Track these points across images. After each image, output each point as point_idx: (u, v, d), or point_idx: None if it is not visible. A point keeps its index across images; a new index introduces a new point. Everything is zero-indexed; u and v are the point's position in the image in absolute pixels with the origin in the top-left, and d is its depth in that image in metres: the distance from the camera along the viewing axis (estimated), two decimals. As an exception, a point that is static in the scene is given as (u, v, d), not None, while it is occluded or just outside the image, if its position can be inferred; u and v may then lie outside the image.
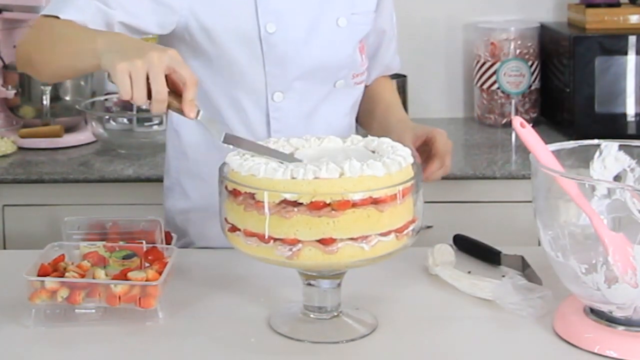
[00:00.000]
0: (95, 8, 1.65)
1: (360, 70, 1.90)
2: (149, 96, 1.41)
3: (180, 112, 1.44)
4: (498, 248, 1.73)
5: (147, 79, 1.40)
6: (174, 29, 1.78)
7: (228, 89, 1.82)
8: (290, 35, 1.79)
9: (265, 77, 1.80)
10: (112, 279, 1.50)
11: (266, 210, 1.36)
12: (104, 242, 1.63)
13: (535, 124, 3.02)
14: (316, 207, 1.34)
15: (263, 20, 1.77)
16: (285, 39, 1.78)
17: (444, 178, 2.54)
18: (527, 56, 3.05)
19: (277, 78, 1.80)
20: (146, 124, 2.96)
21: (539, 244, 1.46)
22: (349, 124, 1.92)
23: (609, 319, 1.40)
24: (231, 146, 1.45)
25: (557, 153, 1.44)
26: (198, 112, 1.44)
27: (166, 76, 1.41)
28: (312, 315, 1.48)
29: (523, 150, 2.68)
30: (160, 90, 1.40)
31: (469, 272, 1.61)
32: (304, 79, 1.82)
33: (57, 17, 1.64)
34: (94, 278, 1.49)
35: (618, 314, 1.38)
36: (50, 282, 1.48)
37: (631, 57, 2.81)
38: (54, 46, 1.60)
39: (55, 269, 1.54)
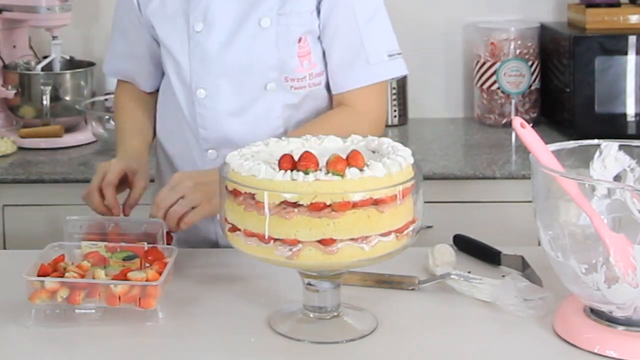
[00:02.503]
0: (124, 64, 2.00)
1: (297, 75, 1.84)
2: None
3: None
4: (498, 248, 1.73)
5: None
6: None
7: (168, 80, 1.91)
8: (213, 35, 1.83)
9: (190, 73, 1.85)
10: (112, 279, 1.50)
11: (266, 210, 1.36)
12: (105, 243, 1.63)
13: (535, 124, 3.02)
14: (316, 208, 1.34)
15: (192, 18, 1.84)
16: (209, 38, 1.83)
17: (444, 178, 2.58)
18: (527, 56, 3.05)
19: (200, 75, 1.85)
20: (146, 124, 2.96)
21: (539, 244, 1.46)
22: (283, 126, 1.86)
23: (609, 319, 1.40)
24: None
25: (557, 153, 1.44)
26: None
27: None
28: (312, 315, 1.48)
29: (523, 150, 2.69)
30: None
31: (469, 272, 1.61)
32: (227, 78, 1.84)
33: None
34: (94, 278, 1.49)
35: (618, 314, 1.38)
36: (50, 282, 1.48)
37: (631, 57, 2.81)
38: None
39: (55, 269, 1.54)
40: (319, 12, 1.85)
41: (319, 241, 1.36)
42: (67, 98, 2.89)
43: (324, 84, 1.89)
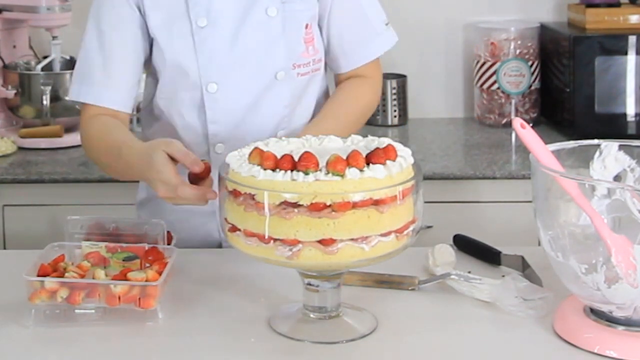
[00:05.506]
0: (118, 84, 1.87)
1: (303, 60, 1.87)
2: None
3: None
4: (498, 248, 1.73)
5: None
6: None
7: (164, 80, 1.86)
8: (220, 28, 1.82)
9: (199, 69, 1.82)
10: (112, 279, 1.50)
11: (266, 211, 1.36)
12: (106, 243, 1.63)
13: (535, 124, 3.02)
14: (316, 208, 1.34)
15: (194, 14, 1.81)
16: (216, 32, 1.82)
17: (444, 178, 2.58)
18: (527, 56, 3.05)
19: (210, 69, 1.82)
20: (146, 124, 2.96)
21: (539, 244, 1.46)
22: (289, 115, 1.87)
23: (609, 319, 1.40)
24: None
25: (557, 153, 1.44)
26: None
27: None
28: (312, 315, 1.48)
29: (523, 150, 2.69)
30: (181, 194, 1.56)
31: (469, 272, 1.61)
32: (238, 70, 1.83)
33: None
34: (93, 278, 1.49)
35: (618, 314, 1.38)
36: (50, 282, 1.48)
37: (631, 57, 2.81)
38: (111, 164, 1.81)
39: (55, 269, 1.54)
40: None
41: (319, 241, 1.36)
42: (67, 98, 2.89)
43: (322, 69, 1.92)
